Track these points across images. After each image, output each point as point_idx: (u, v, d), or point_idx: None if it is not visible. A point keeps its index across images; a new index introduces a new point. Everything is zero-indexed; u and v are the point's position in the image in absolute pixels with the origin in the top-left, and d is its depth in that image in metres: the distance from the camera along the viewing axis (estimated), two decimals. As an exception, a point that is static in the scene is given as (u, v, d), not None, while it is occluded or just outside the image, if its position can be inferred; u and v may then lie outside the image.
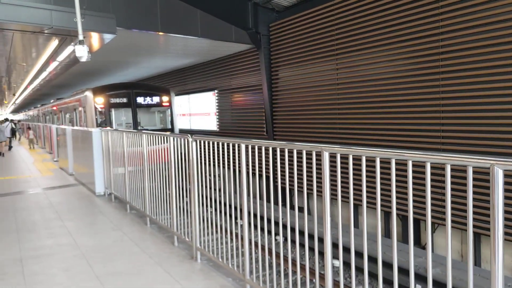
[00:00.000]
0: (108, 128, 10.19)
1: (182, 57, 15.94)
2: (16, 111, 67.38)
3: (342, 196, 2.69)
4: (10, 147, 22.97)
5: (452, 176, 2.02)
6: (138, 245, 5.32)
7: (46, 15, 7.72)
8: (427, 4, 8.11)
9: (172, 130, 15.58)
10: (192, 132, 18.61)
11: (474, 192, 1.95)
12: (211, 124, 16.83)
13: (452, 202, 6.95)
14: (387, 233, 9.43)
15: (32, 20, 7.61)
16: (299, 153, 2.99)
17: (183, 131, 18.05)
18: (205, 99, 17.19)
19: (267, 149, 3.34)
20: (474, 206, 2.04)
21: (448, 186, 2.01)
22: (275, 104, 12.76)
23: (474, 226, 6.85)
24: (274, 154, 3.29)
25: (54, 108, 23.19)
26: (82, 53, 7.25)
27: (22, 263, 4.75)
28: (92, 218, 7.06)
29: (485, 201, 7.17)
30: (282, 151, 3.19)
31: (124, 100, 14.90)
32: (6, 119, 38.22)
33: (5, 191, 9.67)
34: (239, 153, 3.73)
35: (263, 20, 12.33)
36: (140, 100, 15.10)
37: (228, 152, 3.95)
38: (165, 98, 15.61)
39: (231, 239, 5.12)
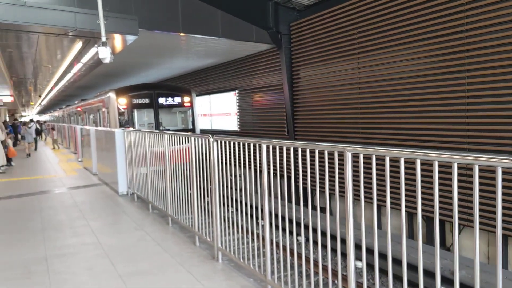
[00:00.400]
0: (131, 128, 10.30)
1: (203, 58, 16.03)
2: (42, 112, 68.93)
3: (365, 197, 2.64)
4: (35, 148, 23.52)
5: (479, 177, 1.96)
6: (160, 245, 5.36)
7: (70, 18, 7.86)
8: (451, 1, 7.93)
9: (193, 130, 15.67)
10: (213, 132, 18.69)
11: (502, 193, 1.88)
12: (232, 124, 16.86)
13: (480, 203, 6.79)
14: (411, 235, 9.26)
15: (57, 23, 7.75)
16: (321, 153, 2.94)
17: (204, 131, 18.15)
18: (226, 99, 17.24)
19: (288, 149, 3.31)
20: (502, 207, 1.97)
21: (476, 187, 1.95)
22: (296, 103, 12.69)
23: (502, 228, 6.67)
24: (296, 154, 3.25)
25: (79, 109, 23.62)
26: (105, 54, 7.36)
27: (48, 262, 4.83)
28: (115, 217, 7.14)
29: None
30: (303, 151, 3.16)
31: (146, 100, 15.06)
32: (31, 120, 39.14)
33: (32, 191, 9.88)
34: (260, 153, 3.72)
35: (283, 20, 12.28)
36: (162, 100, 15.24)
37: (249, 152, 3.93)
38: (186, 99, 15.71)
39: (252, 240, 5.11)
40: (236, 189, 4.93)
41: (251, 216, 4.32)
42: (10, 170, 14.37)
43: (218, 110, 18.15)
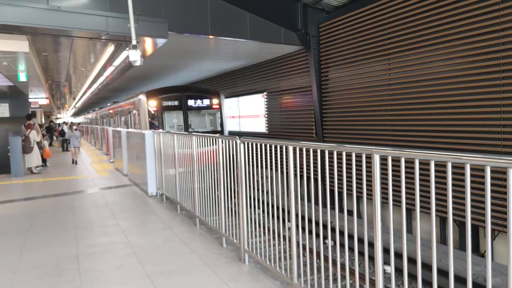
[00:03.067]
0: (160, 130, 10.44)
1: (232, 60, 16.11)
2: (76, 114, 70.80)
3: (393, 200, 2.58)
4: (64, 149, 24.24)
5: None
6: (187, 245, 5.40)
7: (103, 22, 8.05)
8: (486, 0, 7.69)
9: (222, 132, 15.76)
10: (241, 134, 18.76)
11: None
12: (260, 126, 16.87)
13: None
14: (442, 240, 9.01)
15: (90, 27, 7.96)
16: (349, 155, 2.90)
17: (232, 133, 18.22)
18: (254, 101, 17.26)
19: (315, 151, 3.28)
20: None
21: (511, 192, 1.87)
22: (325, 105, 12.58)
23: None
24: (323, 156, 3.21)
25: (111, 111, 24.14)
26: (135, 57, 7.50)
27: (78, 260, 4.95)
28: (144, 217, 7.25)
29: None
30: (330, 153, 3.12)
31: (176, 103, 15.25)
32: (65, 122, 40.24)
33: (65, 191, 10.16)
34: (286, 155, 3.69)
35: (312, 21, 12.20)
36: (191, 102, 15.40)
37: (276, 154, 3.92)
38: (215, 101, 15.83)
39: (279, 242, 5.07)
40: (263, 191, 4.92)
41: (278, 218, 4.30)
42: (45, 170, 14.83)
43: (247, 112, 18.19)
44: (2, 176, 13.37)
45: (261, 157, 4.23)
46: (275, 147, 3.93)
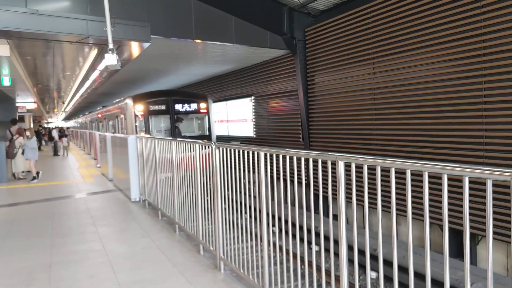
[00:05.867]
0: (141, 135, 10.34)
1: (220, 64, 16.06)
2: (67, 118, 70.38)
3: (357, 201, 2.52)
4: (55, 153, 24.15)
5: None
6: (164, 253, 5.30)
7: (83, 25, 7.95)
8: (468, 4, 7.69)
9: (209, 136, 15.66)
10: (229, 139, 18.61)
11: None
12: (248, 130, 16.80)
13: (495, 213, 6.51)
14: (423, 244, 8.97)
15: (69, 31, 7.85)
16: (315, 161, 2.85)
17: (220, 138, 18.14)
18: (242, 105, 17.20)
19: (284, 157, 3.24)
20: None
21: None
22: (311, 109, 12.55)
23: (521, 239, 6.43)
24: (291, 162, 3.16)
25: (99, 115, 23.98)
26: (112, 61, 7.40)
27: (51, 268, 4.83)
28: (124, 224, 7.14)
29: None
30: (298, 159, 3.06)
31: (163, 107, 15.13)
32: (57, 127, 39.95)
33: (48, 197, 10.00)
34: (258, 161, 3.65)
35: (298, 25, 12.17)
36: (178, 107, 15.28)
37: (249, 159, 3.87)
38: (202, 105, 15.73)
39: (257, 249, 4.98)
40: (250, 196, 4.81)
41: (254, 221, 4.22)
42: (30, 175, 14.63)
43: (235, 116, 18.13)
44: (-15, 182, 13.18)
45: (237, 163, 4.16)
46: (248, 152, 3.87)
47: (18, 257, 5.36)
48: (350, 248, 2.61)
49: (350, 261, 2.88)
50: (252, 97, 16.25)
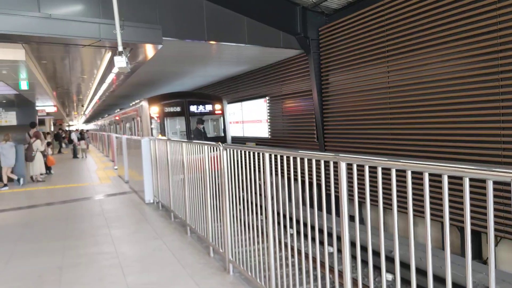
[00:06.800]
0: (153, 137, 10.37)
1: (235, 65, 16.03)
2: (87, 121, 71.44)
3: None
4: (74, 155, 24.58)
5: None
6: (175, 255, 5.28)
7: (95, 29, 8.01)
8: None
9: (224, 137, 15.66)
10: (244, 140, 18.51)
11: None
12: (263, 131, 16.73)
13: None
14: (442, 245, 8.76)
15: (81, 34, 7.92)
16: (318, 161, 2.78)
17: (236, 139, 18.12)
18: (257, 106, 17.14)
19: (288, 157, 3.18)
20: None
21: None
22: (326, 109, 12.40)
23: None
24: (295, 162, 3.09)
25: (117, 117, 24.24)
26: (121, 63, 7.44)
27: (62, 271, 4.85)
28: (137, 226, 7.15)
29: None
30: (301, 159, 2.99)
31: (178, 109, 15.19)
32: (76, 130, 40.51)
33: (64, 199, 10.12)
34: (263, 161, 3.60)
35: (312, 24, 12.04)
36: (193, 108, 15.33)
37: (255, 160, 3.82)
38: (217, 106, 15.74)
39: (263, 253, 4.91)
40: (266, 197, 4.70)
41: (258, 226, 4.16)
42: (49, 178, 14.87)
43: (250, 117, 18.08)
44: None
45: (245, 164, 4.10)
46: (254, 154, 3.83)
47: (29, 260, 5.41)
48: (363, 249, 2.52)
49: (364, 262, 2.79)
50: (267, 98, 16.18)
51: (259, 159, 3.73)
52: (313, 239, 2.92)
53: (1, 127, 16.19)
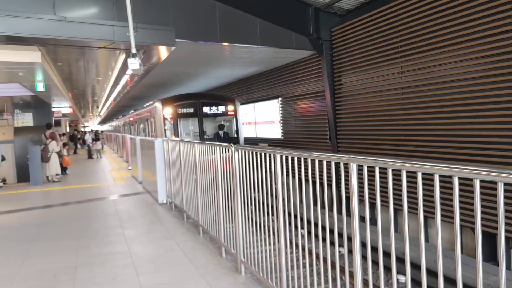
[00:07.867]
0: (166, 138, 10.44)
1: (248, 66, 16.07)
2: (102, 122, 72.20)
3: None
4: (89, 156, 24.94)
5: None
6: (187, 256, 5.32)
7: (109, 31, 8.11)
8: (499, -2, 7.38)
9: (237, 138, 15.69)
10: (257, 141, 18.51)
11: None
12: (276, 132, 16.73)
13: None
14: (460, 248, 8.67)
15: (96, 36, 8.03)
16: (328, 163, 2.78)
17: (248, 140, 18.15)
18: (270, 107, 17.15)
19: (299, 158, 3.19)
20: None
21: None
22: (339, 110, 12.36)
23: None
24: (306, 164, 3.10)
25: (131, 119, 24.46)
26: (134, 65, 7.52)
27: (76, 270, 4.92)
28: (150, 226, 7.21)
29: None
30: (312, 160, 3.00)
31: (191, 110, 15.28)
32: (92, 131, 40.94)
33: (78, 199, 10.26)
34: (275, 163, 3.61)
35: (324, 25, 12.01)
36: (206, 109, 15.40)
37: (266, 161, 3.83)
38: (230, 107, 15.78)
39: (275, 255, 4.91)
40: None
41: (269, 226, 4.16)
42: (64, 178, 15.07)
43: (262, 118, 18.10)
44: (22, 184, 13.68)
45: (257, 165, 4.12)
46: (265, 155, 3.84)
47: (45, 259, 5.51)
48: (374, 249, 2.52)
49: (374, 262, 2.79)
50: (279, 99, 16.18)
51: (270, 160, 3.73)
52: (324, 239, 2.93)
53: (18, 128, 16.43)
